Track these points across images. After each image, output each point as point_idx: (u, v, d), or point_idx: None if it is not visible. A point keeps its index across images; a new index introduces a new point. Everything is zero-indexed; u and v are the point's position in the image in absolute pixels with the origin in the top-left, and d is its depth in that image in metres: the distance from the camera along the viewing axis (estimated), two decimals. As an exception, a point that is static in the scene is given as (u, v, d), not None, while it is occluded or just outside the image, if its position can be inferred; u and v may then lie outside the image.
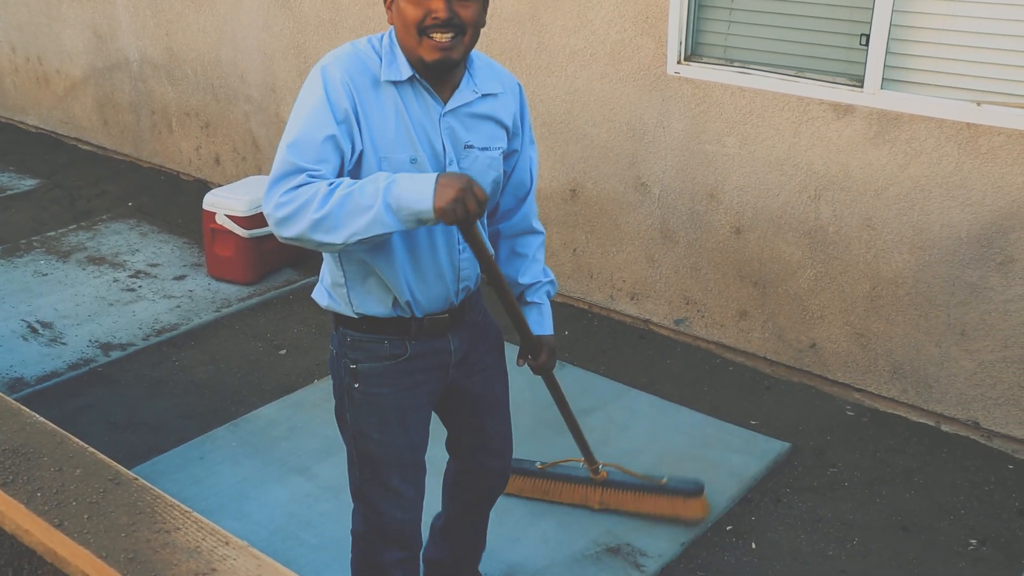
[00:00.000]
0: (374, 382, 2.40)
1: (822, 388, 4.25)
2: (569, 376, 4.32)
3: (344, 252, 2.27)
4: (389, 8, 2.22)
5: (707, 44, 4.21)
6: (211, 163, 6.58)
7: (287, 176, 2.09)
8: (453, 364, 2.49)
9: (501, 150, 2.40)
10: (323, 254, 2.36)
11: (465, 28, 2.16)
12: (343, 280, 2.35)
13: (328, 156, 2.12)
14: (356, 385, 2.41)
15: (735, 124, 4.14)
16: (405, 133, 2.21)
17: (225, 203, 5.15)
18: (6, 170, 7.13)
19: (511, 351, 2.73)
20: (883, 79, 3.76)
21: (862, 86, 3.80)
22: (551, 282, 2.67)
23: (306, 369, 4.44)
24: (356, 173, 2.20)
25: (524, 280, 2.62)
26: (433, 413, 2.58)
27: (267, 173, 6.10)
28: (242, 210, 5.11)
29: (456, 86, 2.28)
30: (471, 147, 2.32)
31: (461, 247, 2.35)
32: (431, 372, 2.46)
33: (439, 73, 2.22)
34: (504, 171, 2.47)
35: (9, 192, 6.67)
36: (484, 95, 2.33)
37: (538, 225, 2.65)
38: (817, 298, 4.14)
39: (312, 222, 2.04)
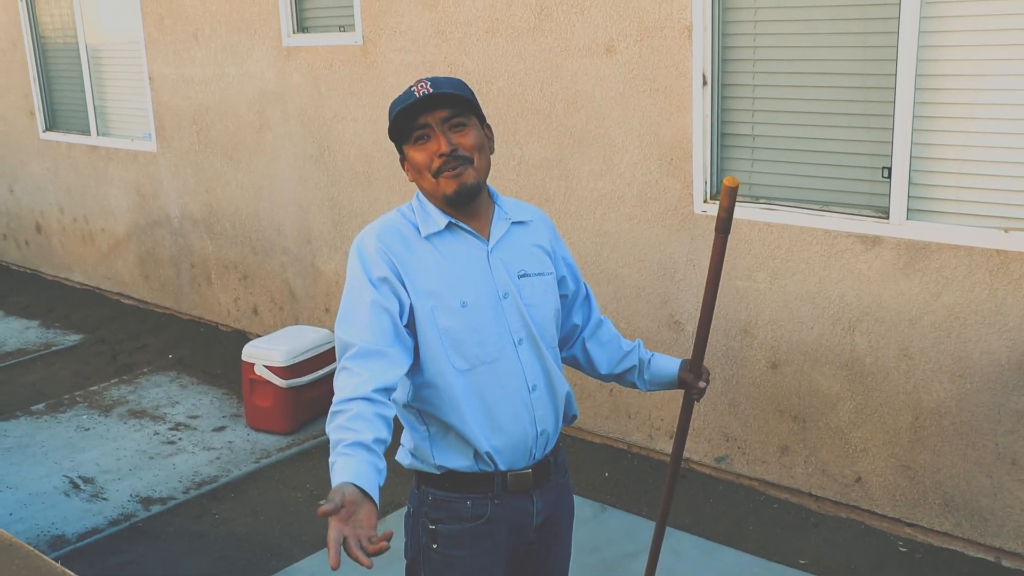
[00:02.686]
0: (453, 544, 2.32)
1: (871, 523, 4.15)
2: (611, 519, 4.25)
3: (419, 407, 2.28)
4: (407, 169, 2.31)
5: (732, 182, 4.29)
6: (249, 314, 6.71)
7: (342, 353, 2.16)
8: (534, 527, 2.41)
9: (552, 275, 2.42)
10: (400, 416, 2.35)
11: (470, 156, 2.24)
12: (425, 435, 2.31)
13: (376, 319, 2.16)
14: (434, 546, 2.32)
15: (764, 259, 4.17)
16: (450, 280, 2.24)
17: (263, 354, 5.22)
18: (52, 326, 7.30)
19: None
20: (908, 209, 3.80)
21: (888, 217, 3.83)
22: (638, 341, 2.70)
23: (345, 519, 4.40)
24: (413, 325, 2.23)
25: (626, 347, 2.63)
26: None
27: (304, 323, 6.22)
28: (280, 360, 5.17)
29: (491, 220, 2.33)
30: (526, 275, 2.35)
31: (531, 385, 2.32)
32: (512, 535, 2.37)
33: (466, 202, 2.26)
34: (561, 295, 2.49)
35: (54, 348, 6.81)
36: (516, 222, 2.39)
37: (603, 315, 2.68)
38: (859, 431, 4.08)
39: (331, 412, 2.09)
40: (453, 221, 2.27)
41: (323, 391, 5.42)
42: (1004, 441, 3.72)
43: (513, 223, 2.37)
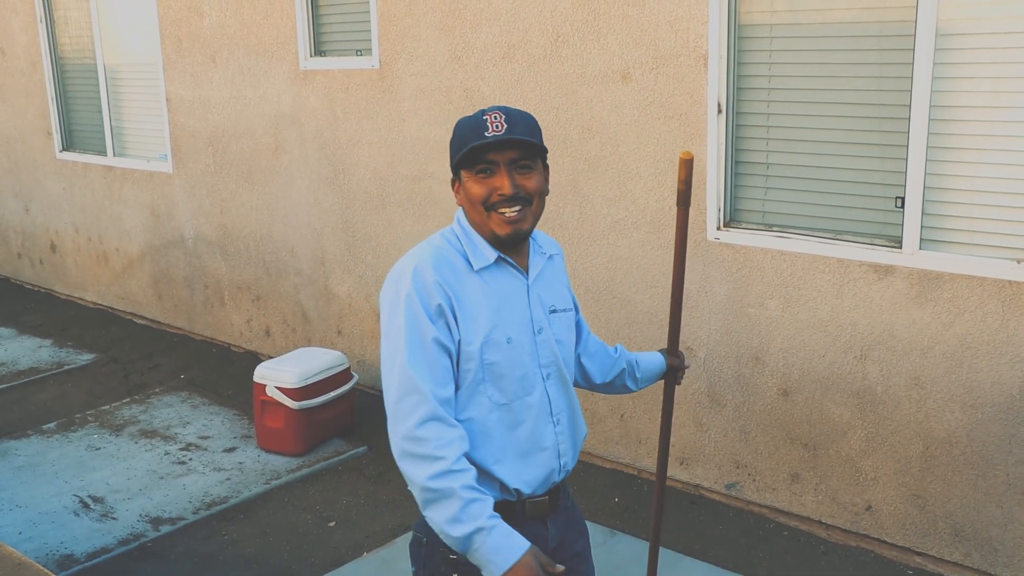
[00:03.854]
0: (475, 572, 2.26)
1: (881, 552, 4.13)
2: (620, 544, 4.24)
3: None
4: (456, 191, 2.29)
5: (745, 210, 4.31)
6: (262, 335, 6.73)
7: (408, 392, 2.12)
8: (549, 551, 2.41)
9: (573, 312, 2.45)
10: None
11: (531, 199, 2.23)
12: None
13: (439, 360, 2.15)
14: (454, 575, 2.31)
15: (777, 287, 4.19)
16: (499, 315, 2.24)
17: (275, 375, 5.24)
18: (64, 345, 7.33)
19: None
20: (921, 239, 3.81)
21: (901, 247, 3.85)
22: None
23: (355, 542, 4.41)
24: (456, 362, 2.21)
25: (613, 354, 2.70)
26: None
27: (316, 345, 6.24)
28: (292, 382, 5.19)
29: (527, 254, 2.35)
30: (556, 310, 2.37)
31: (556, 419, 2.34)
32: None
33: (513, 245, 2.27)
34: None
35: (67, 367, 6.84)
36: (550, 256, 2.41)
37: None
38: (870, 459, 4.07)
39: (421, 483, 2.07)
40: (501, 256, 2.28)
41: (334, 413, 5.43)
42: (1015, 471, 3.71)
43: (547, 258, 2.40)
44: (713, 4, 4.13)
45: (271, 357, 6.56)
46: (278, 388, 5.21)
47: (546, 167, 2.31)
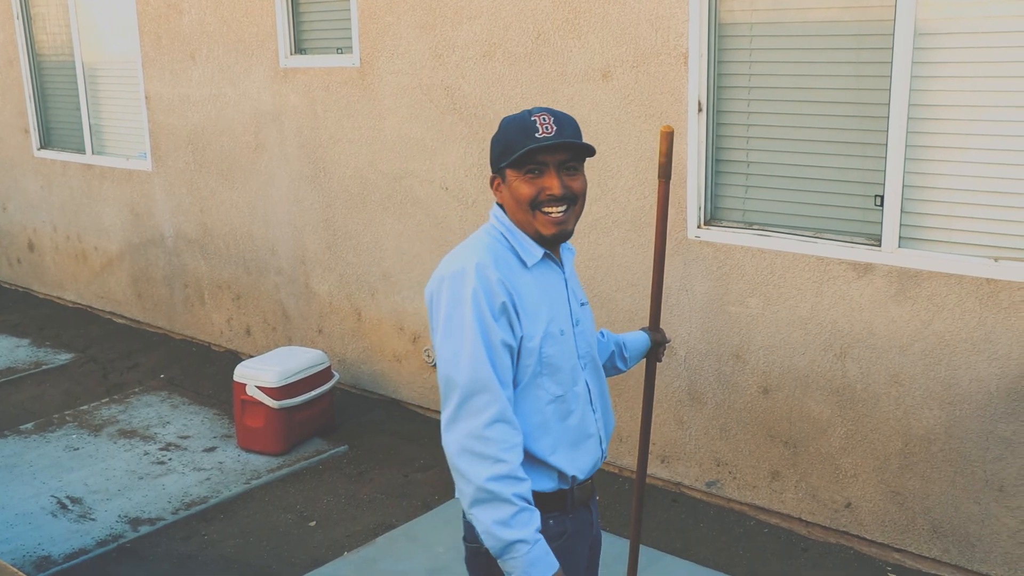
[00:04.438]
0: None
1: (860, 549, 4.15)
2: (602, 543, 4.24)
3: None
4: (497, 189, 2.32)
5: (726, 208, 4.32)
6: (242, 334, 6.70)
7: (476, 391, 2.12)
8: (592, 535, 2.50)
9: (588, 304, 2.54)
10: None
11: (576, 199, 2.28)
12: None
13: (503, 361, 2.17)
14: None
15: (757, 285, 4.20)
16: (550, 309, 2.30)
17: (256, 374, 5.21)
18: (43, 345, 7.28)
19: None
20: (900, 237, 3.83)
21: (880, 245, 3.87)
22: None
23: (335, 541, 4.39)
24: (516, 358, 2.23)
25: (601, 340, 2.74)
26: None
27: (297, 343, 6.22)
28: (273, 381, 5.17)
29: (558, 249, 2.41)
30: (583, 303, 2.45)
31: (595, 407, 2.41)
32: (583, 547, 2.45)
33: (556, 244, 2.34)
34: None
35: (45, 367, 6.78)
36: (570, 250, 2.48)
37: None
38: (849, 456, 4.09)
39: (478, 482, 2.08)
40: (546, 252, 2.33)
41: (315, 412, 5.41)
42: (992, 468, 3.73)
43: (570, 252, 2.48)
44: (693, 3, 4.14)
45: (251, 356, 6.53)
46: (258, 387, 5.18)
47: None
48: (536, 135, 2.19)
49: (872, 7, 3.79)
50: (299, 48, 5.91)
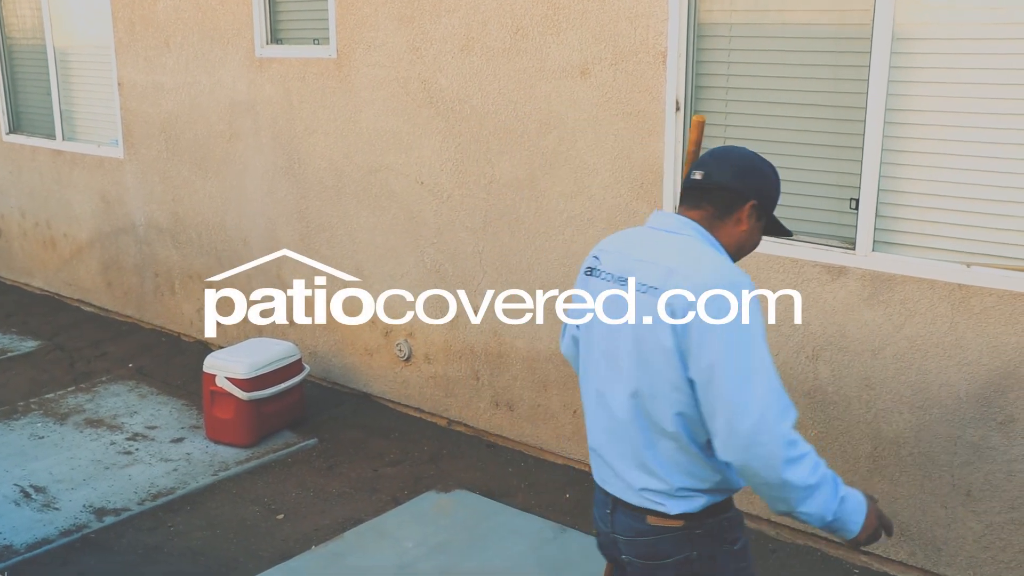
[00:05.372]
0: (744, 556, 2.46)
1: (828, 551, 4.17)
2: (572, 541, 4.24)
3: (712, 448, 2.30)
4: (742, 222, 2.43)
5: (701, 208, 4.32)
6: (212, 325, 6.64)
7: (781, 401, 2.18)
8: None
9: None
10: (688, 462, 2.34)
11: None
12: (724, 464, 2.34)
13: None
14: (743, 564, 2.46)
15: (731, 286, 4.20)
16: None
17: (225, 365, 5.17)
18: (8, 332, 7.18)
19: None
20: (874, 241, 3.84)
21: (854, 248, 3.88)
22: None
23: (304, 534, 4.36)
24: None
25: None
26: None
27: (267, 335, 6.16)
28: (243, 373, 5.12)
29: None
30: None
31: None
32: None
33: None
34: None
35: (10, 354, 6.69)
36: None
37: None
38: (819, 458, 4.10)
39: (805, 482, 2.16)
40: None
41: (285, 405, 5.37)
42: (960, 472, 3.76)
43: None
44: (673, 2, 4.14)
45: (222, 347, 6.48)
46: (228, 379, 5.14)
47: None
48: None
49: (851, 11, 3.80)
50: (275, 38, 5.85)
